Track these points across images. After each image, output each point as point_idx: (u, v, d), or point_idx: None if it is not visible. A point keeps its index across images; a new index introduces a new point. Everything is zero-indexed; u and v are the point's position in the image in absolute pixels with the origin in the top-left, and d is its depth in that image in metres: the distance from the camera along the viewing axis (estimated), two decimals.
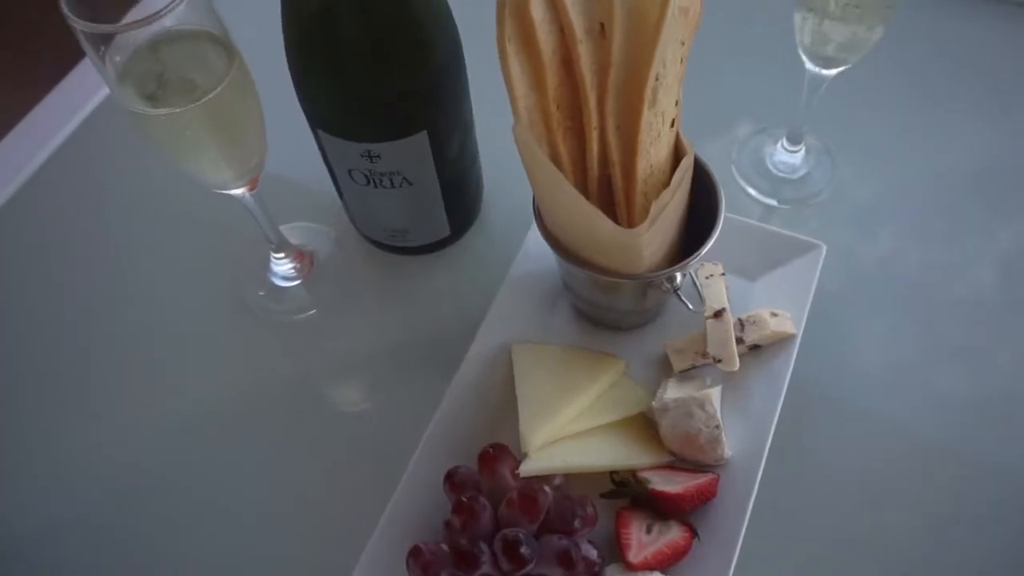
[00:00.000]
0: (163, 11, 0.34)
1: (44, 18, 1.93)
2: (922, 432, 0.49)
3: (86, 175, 0.65)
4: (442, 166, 0.49)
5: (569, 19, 0.37)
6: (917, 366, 0.52)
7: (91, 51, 0.36)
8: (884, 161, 0.61)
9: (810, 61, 0.51)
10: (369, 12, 0.40)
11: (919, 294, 0.54)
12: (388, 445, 0.49)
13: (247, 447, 0.51)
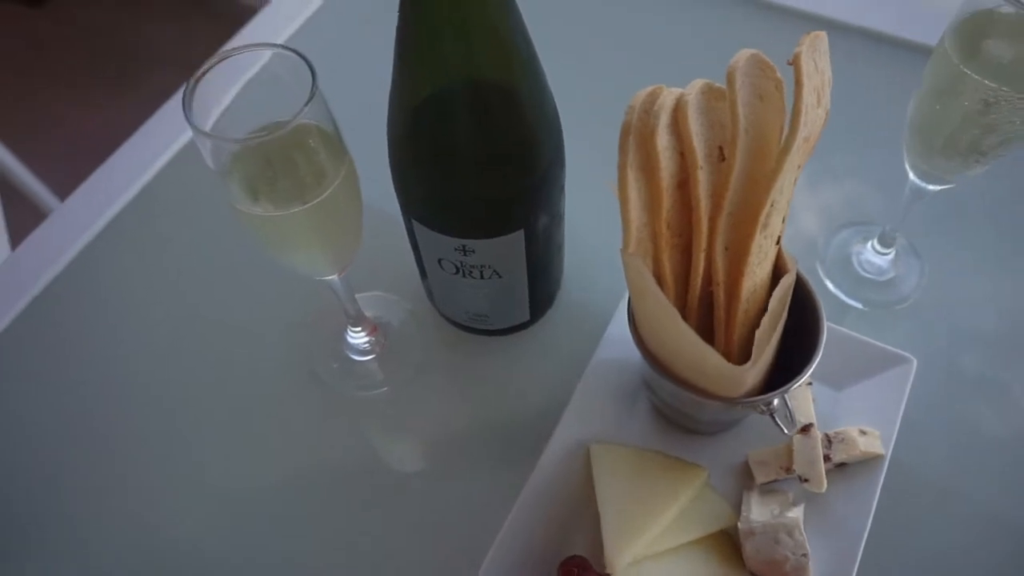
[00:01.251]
0: (289, 123, 0.34)
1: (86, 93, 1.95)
2: (1019, 556, 0.47)
3: (155, 231, 0.65)
4: (532, 259, 0.48)
5: (692, 146, 0.36)
6: (1013, 489, 0.50)
7: (206, 151, 0.36)
8: (976, 271, 0.59)
9: (915, 175, 0.49)
10: (483, 116, 0.40)
11: (1013, 415, 0.52)
12: (457, 542, 0.48)
13: (308, 524, 0.50)
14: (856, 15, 0.73)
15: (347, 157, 0.40)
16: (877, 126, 0.65)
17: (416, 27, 0.36)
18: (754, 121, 0.36)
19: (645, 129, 0.35)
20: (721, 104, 0.37)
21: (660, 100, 0.35)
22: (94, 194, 0.67)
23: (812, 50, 0.34)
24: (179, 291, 0.61)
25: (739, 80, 0.35)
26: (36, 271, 0.62)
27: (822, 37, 0.35)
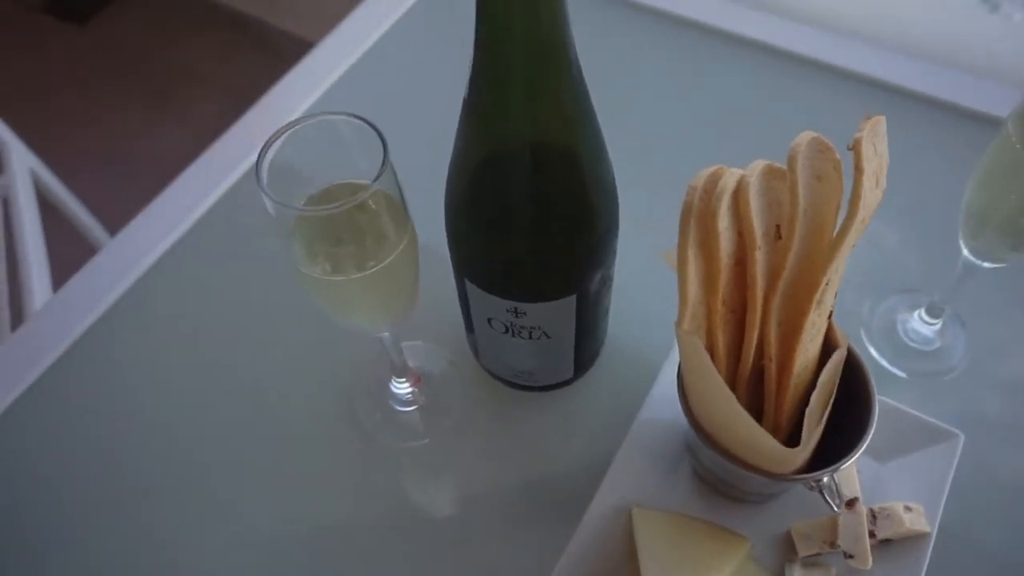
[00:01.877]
0: (360, 196, 0.35)
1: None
2: None
3: (198, 275, 0.66)
4: (581, 321, 0.49)
5: (752, 228, 0.36)
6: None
7: (271, 211, 0.37)
8: (1022, 344, 0.58)
9: (969, 252, 0.49)
10: (546, 182, 0.41)
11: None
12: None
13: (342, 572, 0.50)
14: (918, 81, 0.73)
15: (410, 224, 0.40)
16: (932, 195, 0.65)
17: (485, 88, 0.37)
18: (812, 202, 0.37)
19: (707, 211, 0.36)
20: (779, 183, 0.37)
21: (722, 182, 0.35)
22: (142, 233, 0.69)
23: (872, 135, 0.35)
24: (223, 335, 0.62)
25: (800, 163, 0.35)
26: (83, 311, 0.63)
27: (881, 121, 0.35)
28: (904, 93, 0.73)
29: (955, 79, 0.73)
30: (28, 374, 0.60)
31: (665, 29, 0.79)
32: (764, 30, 0.77)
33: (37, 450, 0.57)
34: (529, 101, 0.37)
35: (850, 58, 0.75)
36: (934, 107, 0.72)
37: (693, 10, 0.79)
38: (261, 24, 2.10)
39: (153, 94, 2.09)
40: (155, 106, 2.06)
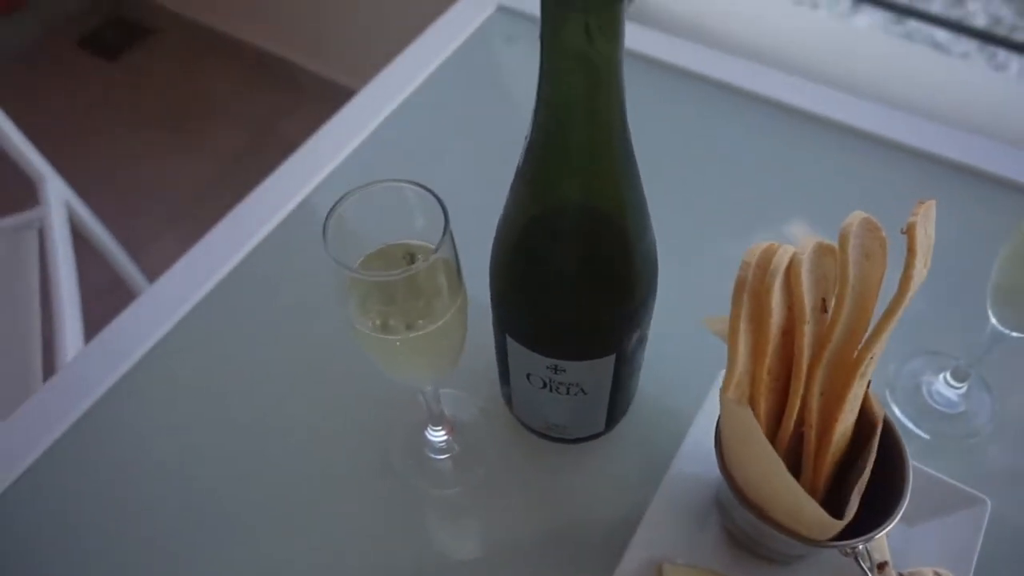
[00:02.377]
0: (422, 265, 0.36)
1: None
2: None
3: (234, 320, 0.67)
4: (617, 378, 0.49)
5: (802, 302, 0.37)
6: None
7: (333, 276, 0.38)
8: None
9: (997, 320, 0.50)
10: (594, 246, 0.42)
11: None
12: None
13: None
14: (950, 149, 0.74)
15: (463, 289, 0.42)
16: (962, 261, 0.66)
17: (541, 160, 0.38)
18: (860, 278, 0.38)
19: (760, 287, 0.37)
20: (828, 259, 0.38)
21: (776, 260, 0.36)
22: (178, 282, 0.69)
23: (924, 220, 0.36)
24: (259, 380, 0.63)
25: (851, 242, 0.36)
26: (116, 359, 0.63)
27: (932, 206, 0.37)
28: (936, 160, 0.74)
29: (987, 147, 0.74)
30: (60, 423, 0.60)
31: (715, 96, 0.80)
32: (800, 96, 0.79)
33: (71, 498, 0.57)
34: (583, 175, 0.38)
35: (886, 126, 0.76)
36: (966, 174, 0.73)
37: (742, 78, 0.80)
38: (283, 62, 2.14)
39: (177, 126, 2.13)
40: (179, 137, 2.10)
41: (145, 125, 2.15)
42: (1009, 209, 0.70)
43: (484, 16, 0.86)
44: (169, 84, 2.25)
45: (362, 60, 1.99)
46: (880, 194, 0.71)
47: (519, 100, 0.83)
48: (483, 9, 0.87)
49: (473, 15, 0.86)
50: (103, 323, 0.66)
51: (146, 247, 1.80)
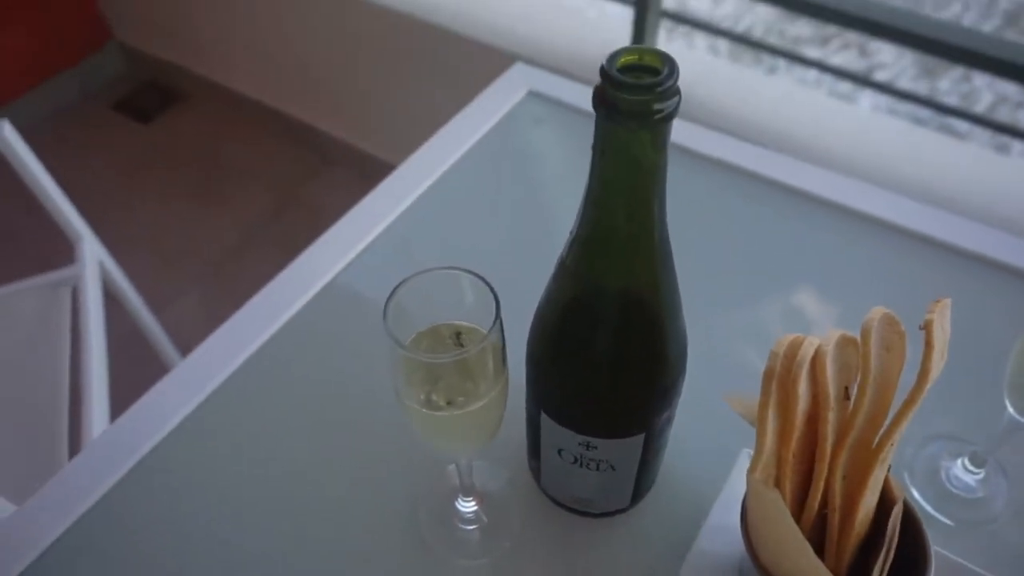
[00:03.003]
0: (473, 349, 0.38)
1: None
2: None
3: (272, 386, 0.68)
4: (645, 455, 0.51)
5: (827, 391, 0.40)
6: None
7: (391, 358, 0.41)
8: None
9: (1014, 409, 0.52)
10: (631, 337, 0.45)
11: None
12: None
13: None
14: (968, 240, 0.76)
15: (506, 372, 0.44)
16: (980, 348, 0.67)
17: (585, 252, 0.42)
18: (880, 368, 0.40)
19: (788, 376, 0.39)
20: (850, 349, 0.41)
21: (802, 351, 0.39)
22: (210, 356, 0.70)
23: (940, 317, 0.38)
24: (291, 447, 0.65)
25: (874, 337, 0.39)
26: (144, 435, 0.65)
27: (948, 304, 0.39)
28: (955, 251, 0.76)
29: (1004, 240, 0.77)
30: (86, 499, 0.61)
31: (745, 185, 0.83)
32: (825, 186, 0.81)
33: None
34: (626, 265, 0.41)
35: (907, 217, 0.79)
36: (983, 265, 0.75)
37: (767, 167, 0.83)
38: (308, 128, 2.22)
39: (204, 187, 2.20)
40: (205, 198, 2.17)
41: (173, 185, 2.22)
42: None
43: (515, 100, 0.91)
44: (199, 147, 2.33)
45: (386, 128, 2.06)
46: (900, 283, 0.74)
47: (546, 179, 0.86)
48: (515, 94, 0.92)
49: (505, 99, 0.91)
50: (123, 377, 0.67)
51: (169, 304, 1.84)
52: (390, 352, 0.41)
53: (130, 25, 2.46)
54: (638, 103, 0.34)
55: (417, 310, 0.43)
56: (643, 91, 0.34)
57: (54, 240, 1.41)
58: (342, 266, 0.77)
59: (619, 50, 0.35)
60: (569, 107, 0.91)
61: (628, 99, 0.34)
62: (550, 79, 0.93)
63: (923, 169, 1.30)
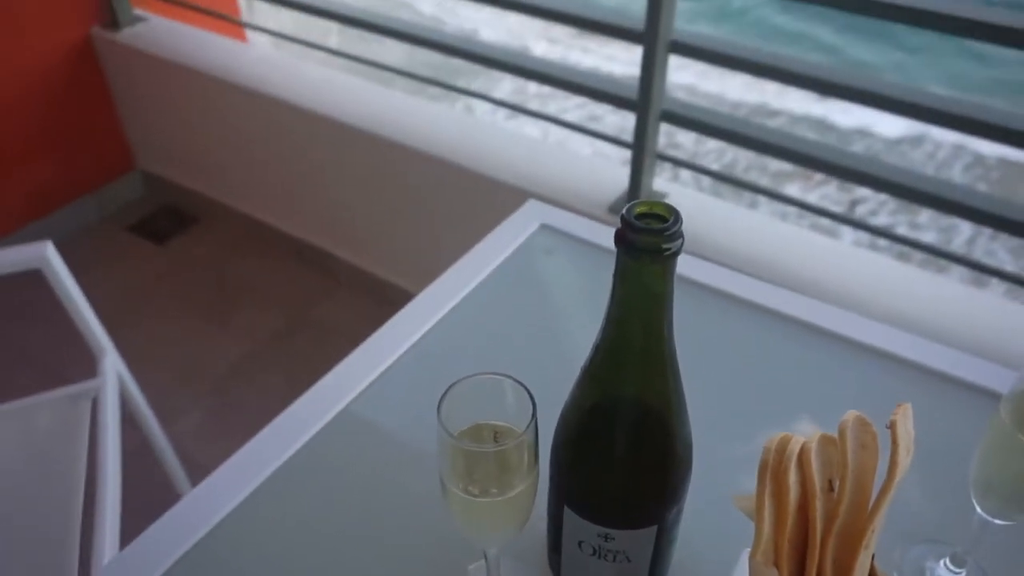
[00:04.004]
0: (511, 443, 0.46)
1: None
2: None
3: (290, 509, 0.72)
4: (658, 546, 0.57)
5: (813, 482, 0.47)
6: None
7: (441, 450, 0.48)
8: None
9: (982, 509, 0.59)
10: (648, 440, 0.52)
11: None
12: None
13: None
14: (935, 360, 0.85)
15: (538, 466, 0.51)
16: (951, 457, 0.74)
17: (606, 363, 0.50)
18: (857, 463, 0.47)
19: (779, 468, 0.46)
20: (832, 448, 0.48)
21: (790, 447, 0.46)
22: (222, 484, 0.74)
23: (903, 418, 0.46)
24: (310, 572, 0.69)
25: (849, 436, 0.46)
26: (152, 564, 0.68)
27: (909, 407, 0.47)
28: (924, 370, 0.85)
29: (966, 360, 0.85)
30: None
31: (737, 311, 0.93)
32: (807, 312, 0.91)
33: None
34: (640, 375, 0.49)
35: (879, 338, 0.88)
36: (947, 382, 0.84)
37: (758, 294, 0.93)
38: (319, 251, 2.34)
39: (216, 306, 2.30)
40: (216, 317, 2.26)
41: (185, 304, 2.31)
42: (983, 411, 0.80)
43: (528, 232, 1.02)
44: (212, 268, 2.43)
45: (398, 255, 2.18)
46: (871, 396, 0.82)
47: (557, 304, 0.95)
48: (528, 227, 1.02)
49: (520, 231, 1.02)
50: (131, 492, 0.70)
51: (177, 420, 1.88)
52: (439, 444, 0.48)
53: (153, 153, 2.62)
54: (651, 243, 0.43)
55: (462, 410, 0.51)
56: (654, 234, 0.43)
57: (63, 356, 1.47)
58: (349, 400, 0.81)
59: (636, 202, 0.44)
60: (577, 239, 1.01)
61: (643, 239, 0.43)
62: (560, 214, 1.04)
63: (901, 300, 1.41)
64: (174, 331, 2.24)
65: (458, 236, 1.01)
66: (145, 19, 2.43)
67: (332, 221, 2.28)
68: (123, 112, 2.55)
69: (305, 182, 2.26)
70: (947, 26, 1.17)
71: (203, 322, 2.26)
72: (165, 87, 2.38)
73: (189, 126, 2.45)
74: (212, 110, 2.33)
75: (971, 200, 1.30)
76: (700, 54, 1.44)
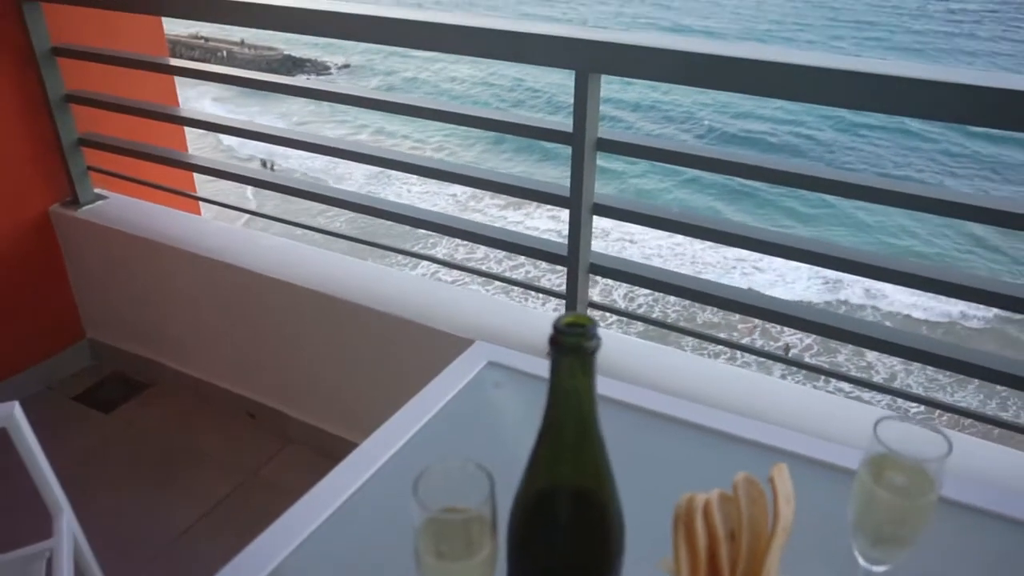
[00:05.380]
0: (472, 513, 0.57)
1: None
2: None
3: None
4: None
5: (716, 531, 0.59)
6: None
7: (419, 525, 0.58)
8: None
9: (862, 559, 0.71)
10: (583, 512, 0.63)
11: None
12: None
13: None
14: (806, 449, 0.99)
15: (496, 539, 0.62)
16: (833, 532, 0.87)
17: (544, 459, 0.62)
18: (750, 516, 0.60)
19: (689, 519, 0.58)
20: (731, 505, 0.61)
21: (696, 502, 0.58)
22: None
23: (780, 473, 0.59)
24: None
25: (741, 492, 0.59)
26: None
27: (784, 466, 0.60)
28: (799, 458, 0.99)
29: (834, 448, 1.00)
30: None
31: (644, 422, 1.07)
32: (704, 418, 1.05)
33: None
34: (575, 459, 0.62)
35: (768, 437, 1.02)
36: (817, 466, 0.98)
37: (663, 407, 1.08)
38: (270, 411, 2.40)
39: (166, 471, 2.30)
40: (167, 481, 2.26)
41: (135, 470, 2.31)
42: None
43: (477, 369, 1.15)
44: (162, 433, 2.45)
45: (347, 408, 2.26)
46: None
47: (505, 432, 1.07)
48: (476, 364, 1.16)
49: (469, 369, 1.15)
50: None
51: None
52: (415, 517, 0.59)
53: (104, 323, 2.69)
54: (575, 343, 0.57)
55: (432, 493, 0.62)
56: (578, 336, 0.57)
57: (9, 520, 1.48)
58: (295, 546, 0.85)
59: (563, 315, 0.59)
60: (522, 372, 1.14)
61: (569, 340, 0.57)
62: (506, 352, 1.18)
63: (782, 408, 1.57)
64: (123, 499, 2.22)
65: (411, 387, 1.13)
66: (105, 197, 2.59)
67: (284, 380, 2.36)
68: (76, 284, 2.65)
69: (257, 344, 2.36)
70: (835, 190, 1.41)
71: (153, 488, 2.25)
72: (120, 259, 2.51)
73: (142, 295, 2.56)
74: (166, 279, 2.45)
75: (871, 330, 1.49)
76: (620, 214, 1.66)
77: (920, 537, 0.68)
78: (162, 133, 2.69)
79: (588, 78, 1.49)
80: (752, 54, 1.38)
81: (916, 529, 0.66)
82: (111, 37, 2.54)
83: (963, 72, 1.23)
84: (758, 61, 1.36)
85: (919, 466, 0.65)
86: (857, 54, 31.80)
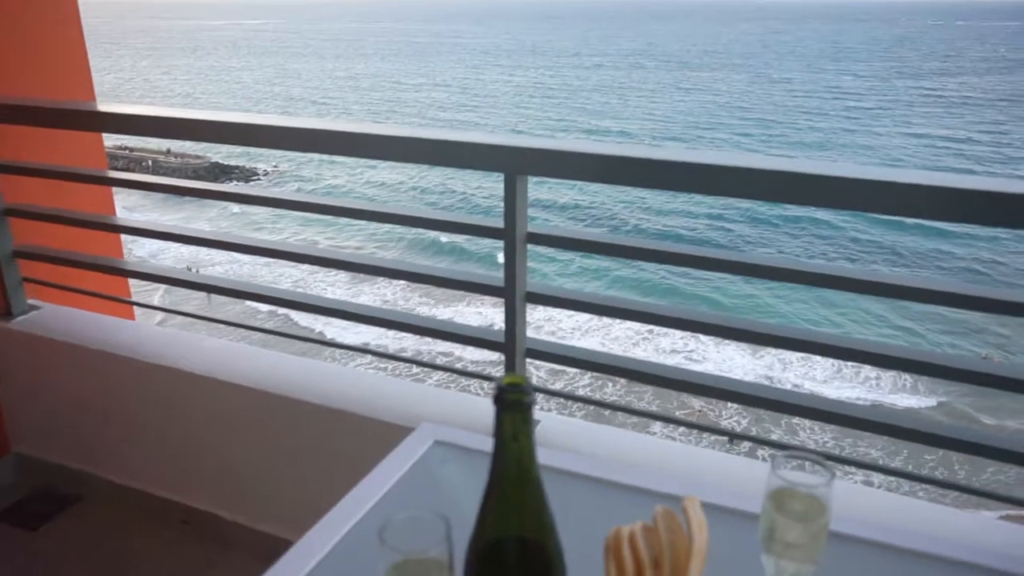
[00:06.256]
0: (433, 553, 0.65)
1: None
2: None
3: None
4: None
5: (641, 557, 0.68)
6: None
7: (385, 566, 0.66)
8: None
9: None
10: (529, 558, 0.72)
11: None
12: None
13: None
14: (719, 496, 1.09)
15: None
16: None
17: (493, 498, 0.70)
18: (670, 542, 0.69)
19: (617, 547, 0.67)
20: (652, 534, 0.70)
21: (623, 532, 0.68)
22: None
23: (692, 503, 0.69)
24: None
25: (660, 522, 0.69)
26: None
27: (696, 499, 0.71)
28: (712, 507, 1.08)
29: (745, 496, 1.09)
30: None
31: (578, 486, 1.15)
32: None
33: None
34: (519, 509, 0.70)
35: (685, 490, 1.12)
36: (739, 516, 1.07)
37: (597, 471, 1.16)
38: (208, 516, 2.35)
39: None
40: None
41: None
42: None
43: (424, 448, 1.22)
44: (94, 547, 2.37)
45: (286, 507, 2.23)
46: None
47: (454, 505, 1.13)
48: (423, 444, 1.23)
49: (415, 450, 1.22)
50: None
51: None
52: (380, 567, 0.66)
53: (32, 435, 2.62)
54: (514, 398, 0.67)
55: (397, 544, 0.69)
56: (516, 392, 0.67)
57: None
58: None
59: (502, 376, 0.69)
60: (468, 448, 1.22)
61: (509, 396, 0.67)
62: (452, 431, 1.26)
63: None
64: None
65: (358, 478, 1.18)
66: (39, 308, 2.58)
67: (220, 483, 2.33)
68: (5, 396, 2.59)
69: (192, 447, 2.33)
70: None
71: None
72: (52, 368, 2.48)
73: (73, 404, 2.51)
74: (99, 385, 2.42)
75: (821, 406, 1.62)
76: (554, 301, 1.79)
77: (819, 557, 0.78)
78: (99, 239, 2.73)
79: (516, 179, 1.64)
80: (661, 155, 1.56)
81: (814, 549, 0.77)
82: (50, 148, 2.61)
83: (859, 168, 1.40)
84: (667, 161, 1.54)
85: (811, 492, 0.76)
86: (763, 151, 34.03)
